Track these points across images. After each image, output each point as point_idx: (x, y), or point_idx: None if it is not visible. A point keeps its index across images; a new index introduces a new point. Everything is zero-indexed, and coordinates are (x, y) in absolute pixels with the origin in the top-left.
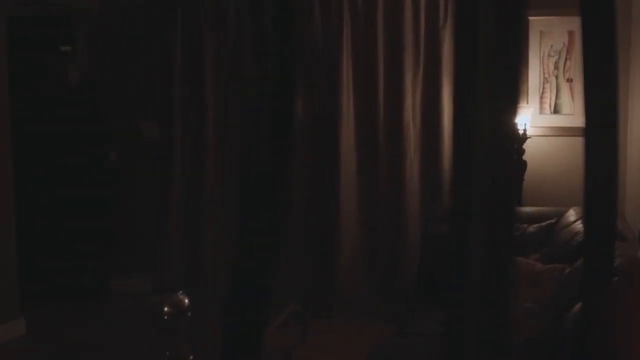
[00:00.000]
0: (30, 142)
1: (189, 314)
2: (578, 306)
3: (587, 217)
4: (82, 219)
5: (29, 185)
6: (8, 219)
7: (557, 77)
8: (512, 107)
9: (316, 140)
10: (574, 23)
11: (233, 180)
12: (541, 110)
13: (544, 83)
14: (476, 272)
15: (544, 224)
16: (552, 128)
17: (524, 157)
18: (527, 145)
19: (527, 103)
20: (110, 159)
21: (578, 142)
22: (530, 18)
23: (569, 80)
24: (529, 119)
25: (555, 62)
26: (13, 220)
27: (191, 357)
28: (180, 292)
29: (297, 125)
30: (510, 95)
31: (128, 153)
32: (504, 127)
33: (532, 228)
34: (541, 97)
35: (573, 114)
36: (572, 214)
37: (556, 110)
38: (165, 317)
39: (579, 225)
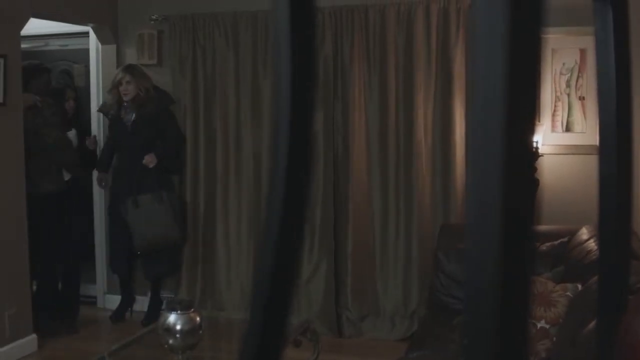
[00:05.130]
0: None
1: (201, 332)
2: (592, 325)
3: (601, 235)
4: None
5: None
6: (22, 235)
7: (569, 95)
8: (530, 123)
9: (327, 157)
10: (586, 41)
11: (248, 201)
12: (553, 128)
13: (555, 101)
14: (494, 289)
15: (556, 242)
16: (564, 146)
17: (536, 176)
18: (539, 164)
19: (539, 121)
20: None
21: (590, 160)
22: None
23: (581, 99)
24: (540, 137)
25: (567, 80)
26: (24, 236)
27: None
28: (193, 310)
29: (315, 141)
30: (528, 111)
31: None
32: (523, 143)
33: (545, 246)
34: (553, 115)
35: (585, 132)
36: (584, 232)
37: (568, 129)
38: (178, 335)
39: (591, 244)
